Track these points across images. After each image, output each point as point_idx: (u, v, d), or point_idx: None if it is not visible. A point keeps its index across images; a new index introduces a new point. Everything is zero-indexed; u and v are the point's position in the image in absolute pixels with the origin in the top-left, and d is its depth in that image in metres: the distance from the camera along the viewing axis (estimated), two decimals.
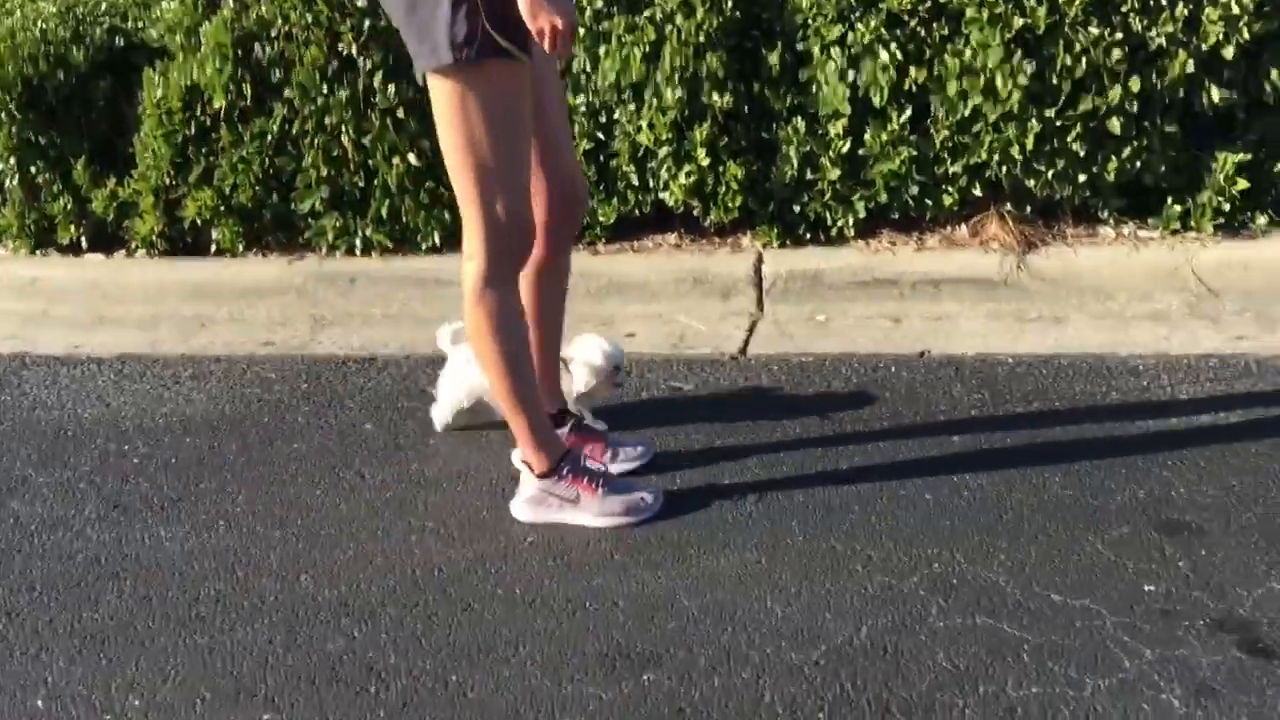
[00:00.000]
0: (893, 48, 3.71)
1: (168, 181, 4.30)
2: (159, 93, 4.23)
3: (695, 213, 4.07)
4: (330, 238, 4.26)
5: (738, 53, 3.88)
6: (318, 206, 4.23)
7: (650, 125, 3.94)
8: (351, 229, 4.25)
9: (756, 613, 2.32)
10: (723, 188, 3.97)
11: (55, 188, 4.43)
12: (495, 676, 2.18)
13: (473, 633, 2.31)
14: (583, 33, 3.96)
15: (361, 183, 4.22)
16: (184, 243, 4.41)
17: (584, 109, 4.02)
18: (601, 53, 3.99)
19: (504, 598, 2.42)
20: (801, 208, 3.99)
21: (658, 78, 3.91)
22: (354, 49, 4.07)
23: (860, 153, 3.87)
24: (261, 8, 4.16)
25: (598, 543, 2.59)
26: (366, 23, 4.04)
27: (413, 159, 4.12)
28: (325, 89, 4.11)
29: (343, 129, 4.13)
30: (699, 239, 4.15)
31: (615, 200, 4.10)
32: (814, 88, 3.86)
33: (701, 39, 3.85)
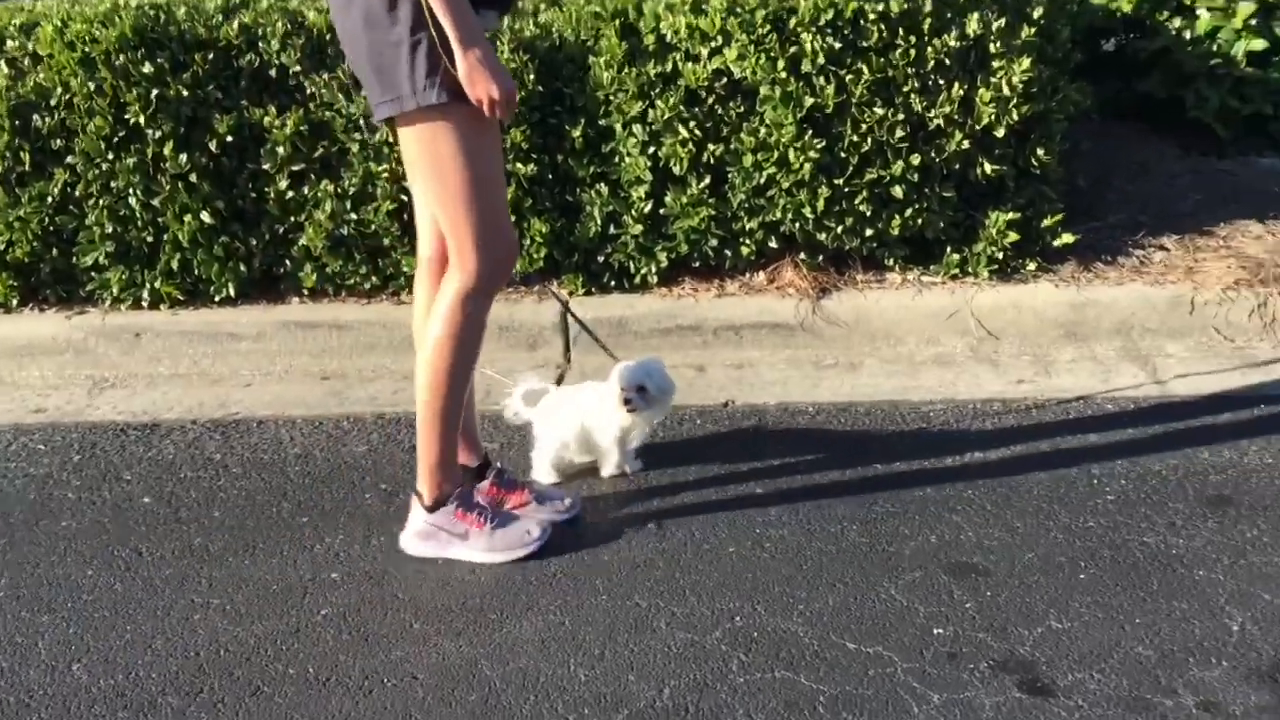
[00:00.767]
0: (691, 125, 3.86)
1: None
2: None
3: None
4: (115, 290, 4.03)
5: (541, 127, 3.93)
6: (102, 260, 4.01)
7: None
8: (139, 280, 4.04)
9: (560, 679, 2.28)
10: (528, 240, 3.96)
11: None
12: None
13: None
14: None
15: (150, 237, 4.01)
16: None
17: (386, 174, 3.95)
18: None
19: (295, 678, 2.30)
20: (606, 258, 4.02)
21: None
22: (142, 119, 3.88)
23: (662, 212, 3.97)
24: (39, 75, 3.92)
25: (396, 613, 2.50)
26: (154, 92, 3.86)
27: (206, 217, 3.95)
28: (111, 155, 3.93)
29: (130, 191, 3.94)
30: (505, 288, 4.11)
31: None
32: (616, 158, 3.95)
33: None
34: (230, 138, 3.92)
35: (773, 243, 4.01)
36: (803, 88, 3.80)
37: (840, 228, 3.94)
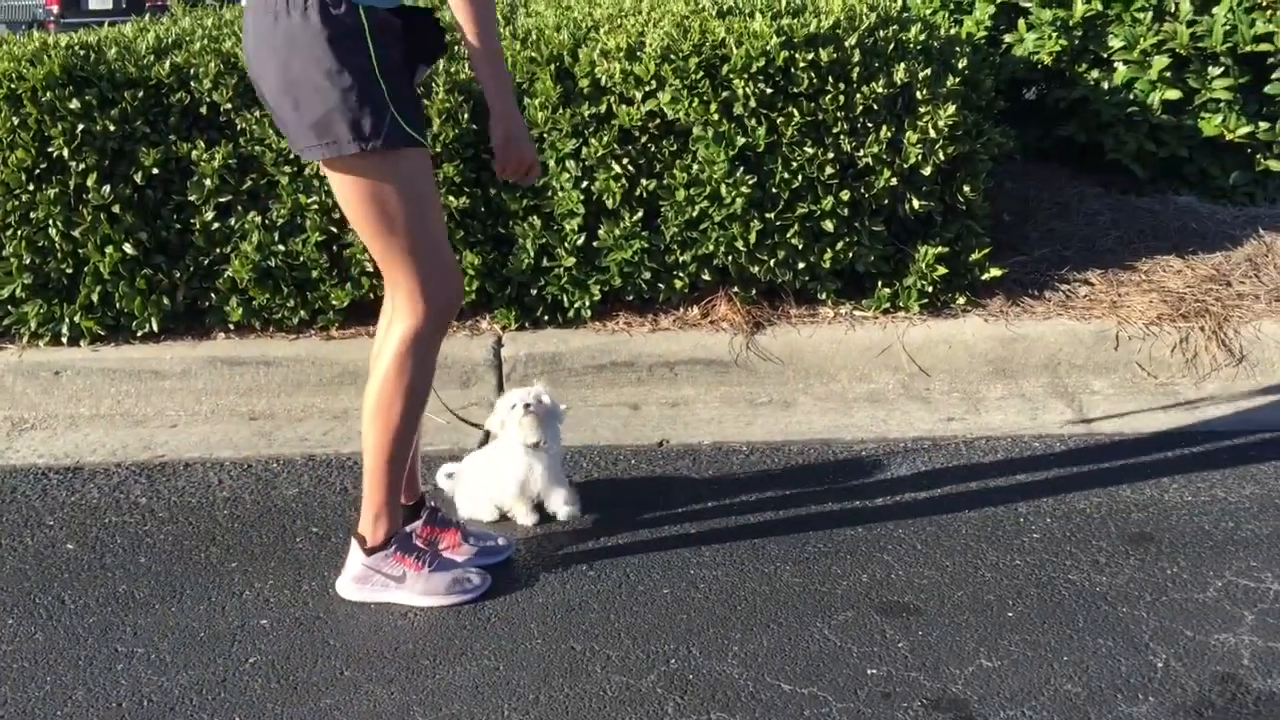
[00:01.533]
0: (624, 161, 3.89)
1: None
2: None
3: None
4: (33, 325, 3.94)
5: (474, 161, 3.93)
6: (19, 293, 3.91)
7: None
8: (57, 315, 3.95)
9: None
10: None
11: None
12: None
13: None
14: None
15: (70, 269, 3.93)
16: None
17: (316, 206, 3.91)
18: None
19: None
20: (539, 291, 4.02)
21: None
22: (66, 152, 3.80)
23: (595, 244, 3.98)
24: None
25: (327, 659, 2.46)
26: (80, 127, 3.79)
27: (128, 249, 3.87)
28: (31, 186, 3.84)
29: (50, 223, 3.86)
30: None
31: (349, 285, 3.99)
32: (549, 191, 3.96)
33: (438, 149, 3.88)
34: (156, 170, 3.86)
35: (706, 276, 4.04)
36: (734, 128, 3.85)
37: (773, 260, 3.98)
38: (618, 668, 2.43)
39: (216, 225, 3.93)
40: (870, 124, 3.93)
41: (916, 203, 4.01)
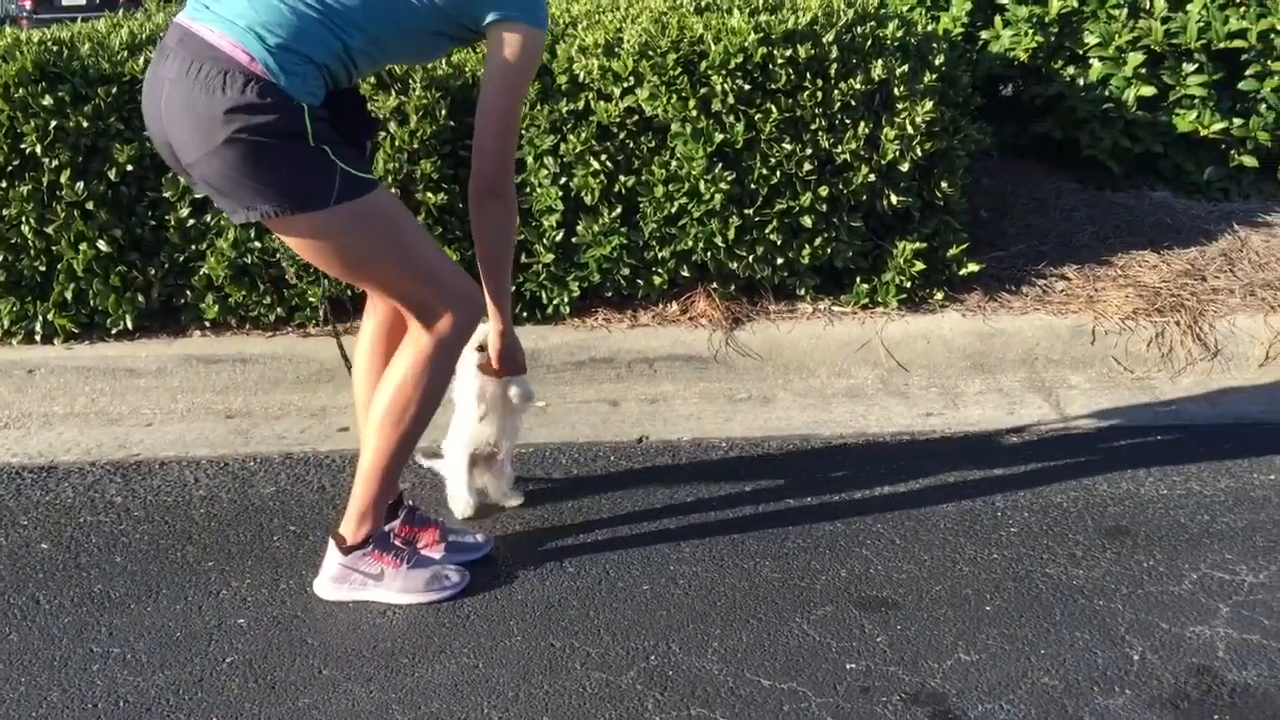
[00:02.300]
0: (603, 158, 3.89)
1: None
2: None
3: None
4: (6, 323, 3.90)
5: (452, 159, 3.91)
6: None
7: None
8: (30, 313, 3.92)
9: None
10: None
11: None
12: None
13: None
14: None
15: (43, 267, 3.89)
16: None
17: None
18: None
19: None
20: (517, 287, 4.00)
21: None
22: (39, 149, 3.77)
23: (573, 241, 3.98)
24: None
25: (305, 658, 2.45)
26: (53, 123, 3.75)
27: (103, 245, 3.84)
28: (4, 183, 3.81)
29: (23, 220, 3.82)
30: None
31: (327, 281, 3.96)
32: (527, 188, 3.95)
33: (415, 145, 3.86)
34: (130, 167, 3.83)
35: (685, 272, 4.04)
36: (713, 125, 3.85)
37: (751, 256, 3.99)
38: (597, 664, 2.42)
39: (191, 222, 3.91)
40: (848, 120, 3.94)
41: (894, 199, 4.03)
